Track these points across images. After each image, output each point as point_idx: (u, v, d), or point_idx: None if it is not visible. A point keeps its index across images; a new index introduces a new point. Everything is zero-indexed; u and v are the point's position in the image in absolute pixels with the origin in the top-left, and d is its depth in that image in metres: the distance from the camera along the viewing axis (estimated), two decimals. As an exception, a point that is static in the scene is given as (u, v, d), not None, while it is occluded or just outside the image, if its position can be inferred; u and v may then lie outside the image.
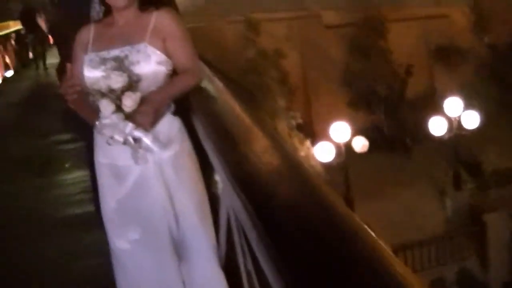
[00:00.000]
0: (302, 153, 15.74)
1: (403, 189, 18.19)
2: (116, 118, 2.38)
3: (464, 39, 22.44)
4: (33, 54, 17.88)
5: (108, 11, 2.75)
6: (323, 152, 15.45)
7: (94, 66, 2.57)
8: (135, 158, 2.49)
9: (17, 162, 7.33)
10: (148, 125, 2.47)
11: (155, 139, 2.48)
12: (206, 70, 2.92)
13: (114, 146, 2.48)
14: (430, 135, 18.35)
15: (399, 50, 21.54)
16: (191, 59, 2.67)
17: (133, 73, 2.49)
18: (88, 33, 2.73)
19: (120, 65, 2.49)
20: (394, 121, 21.89)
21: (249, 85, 14.98)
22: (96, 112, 2.47)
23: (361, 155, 17.15)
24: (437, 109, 19.40)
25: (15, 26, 23.45)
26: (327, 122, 18.96)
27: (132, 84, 2.43)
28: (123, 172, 2.60)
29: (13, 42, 18.66)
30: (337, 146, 15.85)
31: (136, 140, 2.45)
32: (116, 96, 2.39)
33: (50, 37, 20.43)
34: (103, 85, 2.42)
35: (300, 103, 19.64)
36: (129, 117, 2.40)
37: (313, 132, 19.05)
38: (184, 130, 2.68)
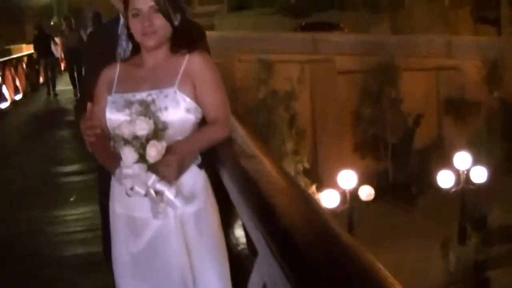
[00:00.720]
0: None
1: (405, 238, 17.97)
2: (138, 169, 2.20)
3: (475, 92, 22.43)
4: (44, 78, 17.95)
5: (136, 49, 2.56)
6: (328, 199, 15.38)
7: (117, 109, 2.39)
8: (155, 212, 2.30)
9: (17, 191, 6.98)
10: (172, 178, 2.28)
11: (178, 194, 2.29)
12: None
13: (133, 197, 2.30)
14: (436, 186, 18.21)
15: (409, 99, 21.51)
16: (222, 109, 2.48)
17: (160, 120, 2.30)
18: (113, 72, 2.54)
19: (146, 110, 2.30)
20: (400, 169, 21.76)
21: (259, 125, 14.90)
22: (116, 158, 2.29)
23: (365, 201, 17.09)
24: (444, 160, 19.28)
25: (27, 49, 23.52)
26: (333, 166, 18.85)
27: (158, 132, 2.24)
28: (140, 225, 2.40)
29: (24, 65, 18.65)
30: (343, 193, 15.82)
31: (158, 193, 2.26)
32: (140, 144, 2.20)
33: (62, 64, 20.55)
34: (126, 131, 2.23)
35: (307, 146, 19.54)
36: (152, 167, 2.22)
37: (318, 176, 18.92)
38: (209, 185, 2.48)
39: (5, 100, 15.77)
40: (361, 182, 16.93)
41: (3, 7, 38.13)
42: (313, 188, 16.50)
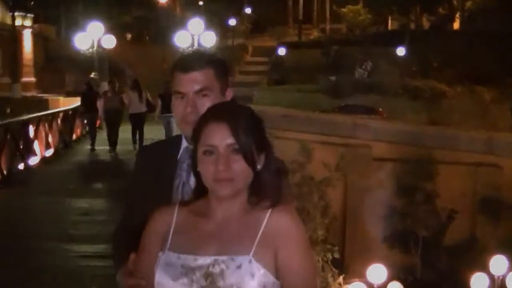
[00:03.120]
0: (333, 289, 14.86)
1: None
2: None
3: (512, 193, 21.73)
4: (91, 133, 18.56)
5: (200, 191, 1.95)
6: (355, 292, 14.65)
7: (172, 274, 1.83)
8: None
9: (28, 271, 6.26)
10: None
11: None
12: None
13: None
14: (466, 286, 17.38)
15: (444, 194, 20.83)
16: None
17: None
18: (169, 220, 1.94)
19: (212, 286, 1.76)
20: (429, 266, 20.99)
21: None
22: None
23: (392, 298, 16.46)
24: (477, 261, 18.50)
25: (64, 103, 23.52)
26: (360, 257, 18.15)
27: None
28: None
29: (59, 121, 18.52)
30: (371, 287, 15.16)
31: None
32: None
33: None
34: None
35: (336, 235, 18.87)
36: None
37: (344, 266, 18.24)
38: None
39: (35, 155, 15.52)
40: (389, 276, 16.34)
41: (45, 56, 38.71)
42: (340, 279, 15.76)
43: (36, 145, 15.68)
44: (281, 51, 42.16)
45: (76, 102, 20.91)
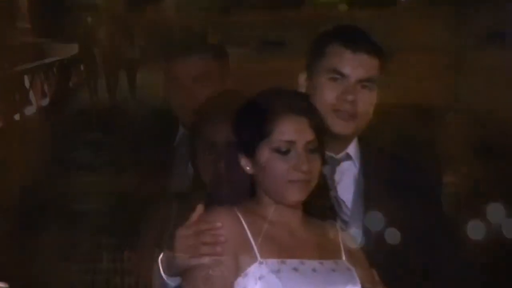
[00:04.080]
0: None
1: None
2: None
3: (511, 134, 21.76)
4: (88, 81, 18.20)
5: (196, 185, 1.86)
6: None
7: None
8: None
9: (35, 248, 6.05)
10: None
11: None
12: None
13: None
14: (463, 232, 17.64)
15: (443, 140, 20.88)
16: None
17: None
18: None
19: None
20: (426, 213, 21.29)
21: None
22: None
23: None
24: (473, 208, 18.68)
25: (61, 52, 23.23)
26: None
27: None
28: None
29: (55, 70, 18.38)
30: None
31: None
32: None
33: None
34: None
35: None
36: None
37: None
38: None
39: (31, 105, 15.41)
40: (385, 222, 16.64)
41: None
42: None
43: (31, 95, 15.55)
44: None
45: (73, 49, 20.65)
